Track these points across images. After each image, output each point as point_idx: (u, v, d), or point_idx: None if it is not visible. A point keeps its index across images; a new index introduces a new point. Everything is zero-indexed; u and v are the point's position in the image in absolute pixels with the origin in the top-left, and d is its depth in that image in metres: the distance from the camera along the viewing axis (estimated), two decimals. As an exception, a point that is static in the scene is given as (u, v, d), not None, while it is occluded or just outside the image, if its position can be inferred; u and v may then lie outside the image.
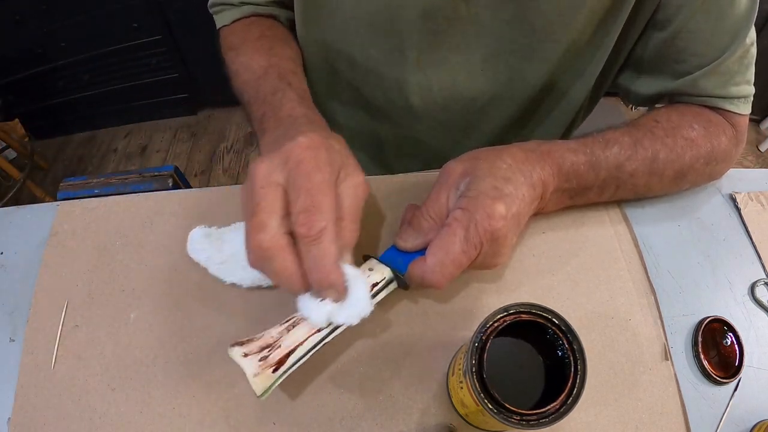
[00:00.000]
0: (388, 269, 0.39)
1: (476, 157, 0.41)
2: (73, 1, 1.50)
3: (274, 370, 0.34)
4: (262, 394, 0.33)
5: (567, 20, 0.47)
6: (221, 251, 0.43)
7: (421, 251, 0.39)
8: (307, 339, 0.35)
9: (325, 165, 0.34)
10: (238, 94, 0.52)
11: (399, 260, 0.40)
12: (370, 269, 0.38)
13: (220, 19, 0.57)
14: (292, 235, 0.33)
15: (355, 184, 0.36)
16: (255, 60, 0.50)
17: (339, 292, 0.34)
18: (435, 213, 0.39)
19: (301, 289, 0.34)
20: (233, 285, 0.43)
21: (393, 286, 0.39)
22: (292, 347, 0.35)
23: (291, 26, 0.59)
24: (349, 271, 0.35)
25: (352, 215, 0.35)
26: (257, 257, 0.33)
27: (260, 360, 0.34)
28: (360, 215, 0.36)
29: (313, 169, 0.33)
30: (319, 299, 0.34)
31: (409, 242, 0.40)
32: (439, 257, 0.37)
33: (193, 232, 0.45)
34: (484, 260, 0.39)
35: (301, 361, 0.35)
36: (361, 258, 0.40)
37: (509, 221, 0.37)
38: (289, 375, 0.34)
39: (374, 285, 0.38)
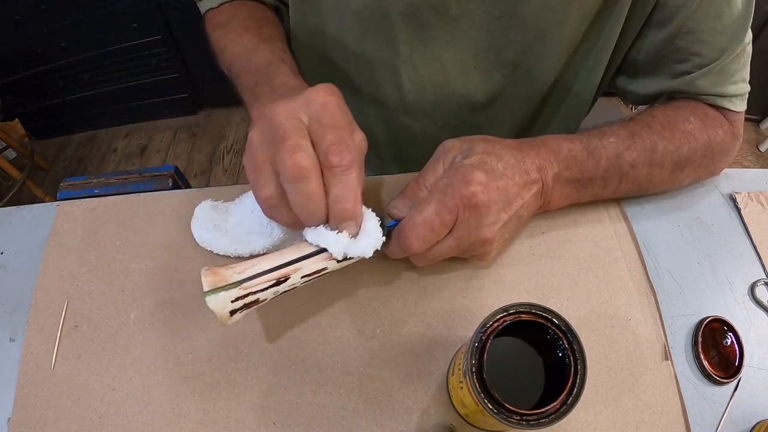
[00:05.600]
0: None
1: (473, 140, 0.42)
2: (73, 1, 1.50)
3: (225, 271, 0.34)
4: (208, 292, 0.33)
5: (559, 17, 0.47)
6: (227, 221, 0.45)
7: None
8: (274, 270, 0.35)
9: (346, 112, 0.35)
10: (225, 68, 0.52)
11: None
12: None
13: (206, 3, 0.57)
14: None
15: (361, 138, 0.37)
16: (245, 37, 0.51)
17: (357, 225, 0.35)
18: (431, 184, 0.40)
19: (322, 218, 0.34)
20: (237, 257, 0.43)
21: (379, 240, 0.37)
22: (256, 272, 0.34)
23: (276, 11, 0.60)
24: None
25: (361, 166, 0.36)
26: (294, 176, 0.32)
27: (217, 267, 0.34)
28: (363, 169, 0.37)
29: (339, 111, 0.34)
30: (336, 231, 0.35)
31: (403, 211, 0.40)
32: (412, 215, 0.38)
33: (200, 206, 0.46)
34: (468, 234, 0.38)
35: (259, 279, 0.34)
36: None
37: (490, 191, 0.38)
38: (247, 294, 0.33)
39: None
